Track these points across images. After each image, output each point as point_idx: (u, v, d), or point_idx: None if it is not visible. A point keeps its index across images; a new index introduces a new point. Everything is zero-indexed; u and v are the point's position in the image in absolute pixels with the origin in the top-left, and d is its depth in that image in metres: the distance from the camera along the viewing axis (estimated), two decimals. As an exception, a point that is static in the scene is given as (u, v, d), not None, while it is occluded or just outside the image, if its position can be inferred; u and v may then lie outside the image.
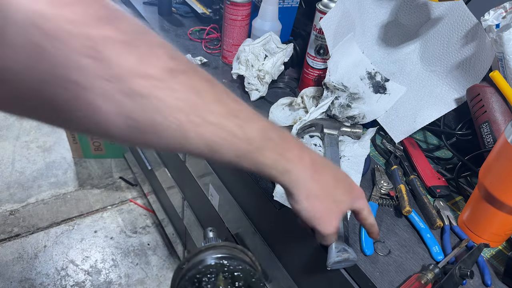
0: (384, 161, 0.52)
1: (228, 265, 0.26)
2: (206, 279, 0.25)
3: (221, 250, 0.27)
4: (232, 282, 0.25)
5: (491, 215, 0.39)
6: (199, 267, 0.26)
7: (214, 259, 0.26)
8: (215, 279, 0.25)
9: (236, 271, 0.26)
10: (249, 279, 0.26)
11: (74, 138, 1.29)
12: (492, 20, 0.46)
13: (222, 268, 0.26)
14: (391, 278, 0.38)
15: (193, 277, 0.25)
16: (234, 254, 0.27)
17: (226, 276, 0.25)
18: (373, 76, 0.55)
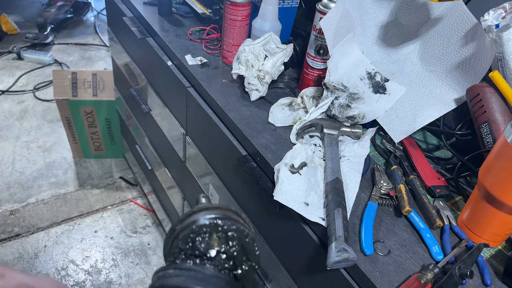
0: (384, 161, 0.52)
1: (222, 224, 0.25)
2: (200, 239, 0.25)
3: (214, 211, 0.27)
4: (226, 241, 0.25)
5: (491, 215, 0.39)
6: (193, 227, 0.25)
7: (208, 219, 0.26)
8: (209, 238, 0.25)
9: (230, 231, 0.25)
10: (242, 239, 0.25)
11: (74, 138, 1.29)
12: (491, 20, 0.46)
13: (216, 227, 0.25)
14: (391, 278, 0.38)
15: (187, 237, 0.25)
16: (228, 215, 0.27)
17: (219, 236, 0.25)
18: (373, 76, 0.55)
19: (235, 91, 0.61)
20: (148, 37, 0.76)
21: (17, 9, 2.18)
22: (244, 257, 0.25)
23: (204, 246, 0.24)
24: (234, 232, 0.25)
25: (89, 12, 2.21)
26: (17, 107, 1.57)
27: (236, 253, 0.25)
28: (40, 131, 1.46)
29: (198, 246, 0.24)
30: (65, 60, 1.86)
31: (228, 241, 0.25)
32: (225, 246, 0.25)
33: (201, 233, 0.25)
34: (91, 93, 1.16)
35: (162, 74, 0.74)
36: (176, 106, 0.73)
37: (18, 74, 1.73)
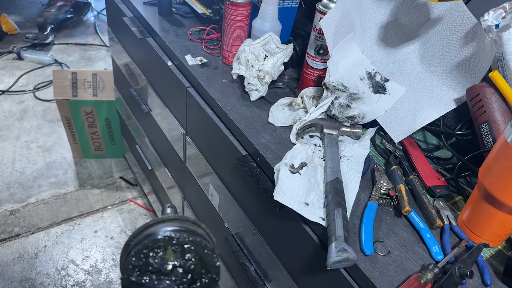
0: (384, 161, 0.52)
1: (177, 237, 0.24)
2: (153, 254, 0.24)
3: (170, 223, 0.25)
4: (181, 255, 0.24)
5: (491, 215, 0.39)
6: (145, 242, 0.24)
7: (162, 232, 0.25)
8: (164, 252, 0.24)
9: (185, 243, 0.24)
10: (200, 251, 0.24)
11: (74, 138, 1.29)
12: (491, 20, 0.46)
13: (170, 241, 0.24)
14: (391, 277, 0.38)
15: (139, 252, 0.24)
16: (185, 227, 0.26)
17: (175, 249, 0.24)
18: (372, 76, 0.55)
19: (235, 91, 0.61)
20: (148, 37, 0.76)
21: (17, 9, 2.18)
22: (203, 270, 0.24)
23: (158, 262, 0.23)
24: (191, 245, 0.24)
25: (89, 12, 2.21)
26: (17, 107, 1.57)
27: (194, 266, 0.24)
28: (40, 131, 1.46)
29: (151, 262, 0.23)
30: (65, 60, 1.86)
31: (185, 254, 0.24)
32: (181, 260, 0.24)
33: (154, 248, 0.24)
34: (91, 93, 1.16)
35: (162, 74, 0.74)
36: (176, 106, 0.74)
37: (18, 74, 1.73)
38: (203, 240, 0.25)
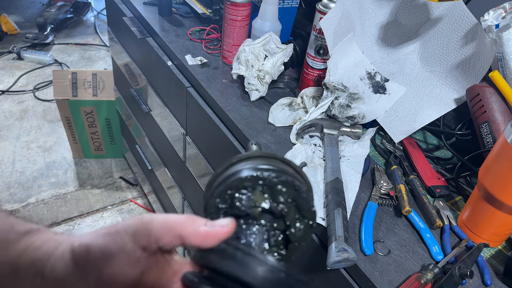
0: (384, 161, 0.52)
1: (266, 177, 0.20)
2: (239, 195, 0.20)
3: (256, 161, 0.22)
4: (272, 197, 0.20)
5: (491, 215, 0.39)
6: (229, 181, 0.21)
7: (248, 171, 0.21)
8: (252, 194, 0.21)
9: (276, 184, 0.20)
10: (293, 193, 0.21)
11: (74, 138, 1.29)
12: (491, 20, 0.46)
13: (257, 180, 0.20)
14: (391, 277, 0.38)
15: (223, 193, 0.21)
16: (274, 165, 0.21)
17: (264, 190, 0.21)
18: (372, 76, 0.55)
19: (235, 91, 0.61)
20: (148, 37, 0.76)
21: (17, 9, 2.17)
22: (297, 215, 0.21)
23: (245, 204, 0.20)
24: (282, 185, 0.20)
25: (89, 12, 2.21)
26: (17, 107, 1.57)
27: (287, 210, 0.20)
28: (40, 131, 1.46)
29: (238, 205, 0.20)
30: (65, 60, 1.85)
31: (275, 196, 0.20)
32: (271, 203, 0.20)
33: (240, 188, 0.21)
34: (91, 93, 1.16)
35: (162, 74, 0.74)
36: (176, 106, 0.73)
37: (18, 74, 1.73)
38: (295, 180, 0.21)
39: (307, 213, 0.21)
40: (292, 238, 0.21)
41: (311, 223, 0.21)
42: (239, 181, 0.21)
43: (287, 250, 0.22)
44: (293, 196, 0.21)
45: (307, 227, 0.21)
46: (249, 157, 0.22)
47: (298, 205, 0.21)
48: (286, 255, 0.22)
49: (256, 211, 0.21)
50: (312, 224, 0.21)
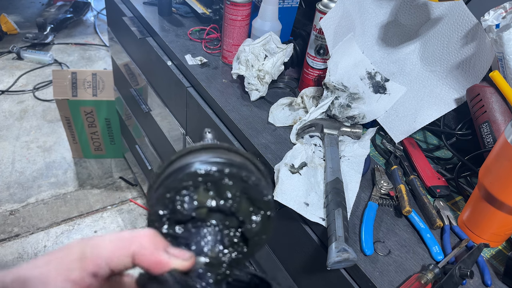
0: (384, 161, 0.52)
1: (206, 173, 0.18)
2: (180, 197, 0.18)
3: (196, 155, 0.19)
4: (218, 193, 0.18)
5: (491, 215, 0.39)
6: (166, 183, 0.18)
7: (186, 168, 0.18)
8: (194, 193, 0.18)
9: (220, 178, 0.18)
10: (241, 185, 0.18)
11: (74, 138, 1.28)
12: (492, 20, 0.46)
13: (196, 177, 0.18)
14: (391, 278, 0.38)
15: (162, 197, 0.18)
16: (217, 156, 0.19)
17: (208, 187, 0.18)
18: (373, 76, 0.55)
19: (235, 91, 0.61)
20: (148, 37, 0.76)
21: (17, 9, 2.17)
22: (250, 207, 0.18)
23: (188, 207, 0.18)
24: (227, 178, 0.18)
25: (89, 12, 2.21)
26: (17, 107, 1.57)
27: (237, 205, 0.18)
28: (40, 131, 1.46)
29: (180, 209, 0.18)
30: (65, 60, 1.85)
31: (222, 192, 0.18)
32: (217, 200, 0.18)
33: (180, 189, 0.18)
34: (91, 93, 1.16)
35: (162, 74, 0.74)
36: (176, 106, 0.73)
37: (18, 74, 1.73)
38: (242, 170, 0.18)
39: (261, 204, 0.19)
40: (249, 234, 0.19)
41: (269, 213, 0.19)
42: (177, 182, 0.18)
43: (247, 246, 0.19)
44: (242, 188, 0.18)
45: (265, 219, 0.19)
46: (191, 151, 0.19)
47: (250, 197, 0.19)
48: (247, 252, 0.20)
49: (202, 212, 0.18)
50: (270, 215, 0.19)
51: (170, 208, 0.18)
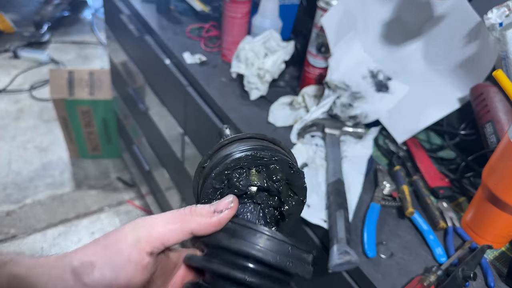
0: (387, 162, 0.51)
1: (261, 156, 0.21)
2: (237, 175, 0.21)
3: (249, 142, 0.22)
4: (268, 175, 0.21)
5: (495, 216, 0.39)
6: (226, 162, 0.21)
7: (243, 152, 0.21)
8: (247, 173, 0.21)
9: (271, 164, 0.21)
10: (287, 171, 0.21)
11: (71, 138, 1.27)
12: (495, 19, 0.45)
13: (254, 161, 0.21)
14: (394, 280, 0.37)
15: (221, 174, 0.21)
16: (265, 145, 0.22)
17: (259, 170, 0.21)
18: (375, 75, 0.54)
19: (235, 90, 0.60)
20: (146, 35, 0.75)
21: (14, 7, 2.15)
22: (289, 192, 0.22)
23: (243, 183, 0.21)
24: (276, 164, 0.21)
25: (86, 10, 2.19)
26: (13, 106, 1.55)
27: (281, 188, 0.21)
28: (37, 131, 1.45)
29: (235, 184, 0.21)
30: (62, 59, 1.84)
31: (271, 175, 0.21)
32: (267, 181, 0.21)
33: (237, 169, 0.21)
34: (88, 92, 1.15)
35: (160, 73, 0.73)
36: (174, 105, 0.72)
37: (14, 73, 1.71)
38: (288, 159, 0.22)
39: (298, 190, 0.23)
40: (286, 213, 0.22)
41: (302, 199, 0.23)
42: (237, 161, 0.21)
43: (277, 226, 0.23)
44: (287, 174, 0.22)
45: (298, 203, 0.23)
46: (241, 138, 0.23)
47: (290, 183, 0.22)
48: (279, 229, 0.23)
49: (252, 189, 0.21)
50: (303, 200, 0.23)
51: (225, 183, 0.21)
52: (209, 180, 0.21)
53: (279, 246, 0.19)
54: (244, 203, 0.22)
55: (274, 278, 0.20)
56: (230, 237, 0.19)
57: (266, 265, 0.19)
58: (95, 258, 0.18)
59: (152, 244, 0.19)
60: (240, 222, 0.20)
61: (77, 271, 0.18)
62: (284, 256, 0.19)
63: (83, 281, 0.18)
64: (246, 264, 0.19)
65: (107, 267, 0.18)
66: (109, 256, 0.18)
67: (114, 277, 0.18)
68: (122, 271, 0.18)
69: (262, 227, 0.19)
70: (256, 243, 0.19)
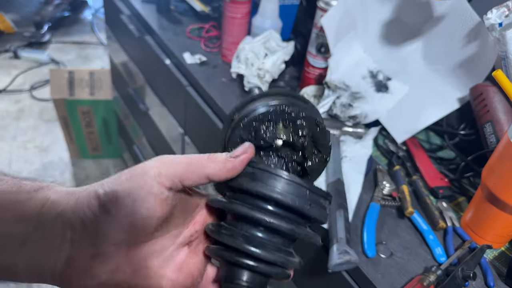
0: (387, 162, 0.51)
1: (289, 112, 0.21)
2: (264, 127, 0.21)
3: (278, 98, 0.23)
4: (294, 131, 0.22)
5: (494, 216, 0.39)
6: (255, 114, 0.22)
7: (272, 106, 0.22)
8: (275, 127, 0.21)
9: (298, 119, 0.21)
10: (313, 128, 0.22)
11: (71, 138, 1.27)
12: (495, 19, 0.45)
13: (282, 115, 0.21)
14: (393, 280, 0.37)
15: (249, 125, 0.22)
16: (293, 102, 0.23)
17: (286, 125, 0.22)
18: (375, 75, 0.54)
19: (235, 90, 0.60)
20: (146, 35, 0.75)
21: (14, 8, 2.15)
22: (314, 149, 0.22)
23: (269, 136, 0.21)
24: (303, 120, 0.22)
25: (87, 10, 2.19)
26: (13, 106, 1.56)
27: (306, 144, 0.22)
28: (37, 131, 1.45)
29: (262, 136, 0.21)
30: (62, 59, 1.84)
31: (297, 131, 0.22)
32: (293, 136, 0.22)
33: (265, 121, 0.22)
34: (88, 92, 1.15)
35: (160, 73, 0.73)
36: (174, 106, 0.73)
37: (14, 73, 1.71)
38: (316, 116, 0.22)
39: (323, 148, 0.23)
40: (309, 169, 0.22)
41: (325, 157, 0.23)
42: (265, 115, 0.22)
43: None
44: (313, 131, 0.22)
45: (322, 161, 0.23)
46: (269, 94, 0.23)
47: (315, 140, 0.22)
48: None
49: (278, 143, 0.22)
50: (327, 159, 0.23)
51: (252, 135, 0.22)
52: (237, 131, 0.22)
53: (298, 190, 0.20)
54: (269, 155, 0.22)
55: (293, 221, 0.20)
56: (250, 181, 0.20)
57: (285, 207, 0.20)
58: (118, 188, 0.19)
59: (171, 180, 0.20)
60: (261, 167, 0.20)
61: (101, 199, 0.19)
62: (303, 199, 0.20)
63: (106, 208, 0.19)
64: (266, 206, 0.20)
65: (128, 198, 0.19)
66: (131, 187, 0.19)
67: (135, 207, 0.19)
68: (143, 203, 0.19)
69: (282, 171, 0.20)
70: (275, 186, 0.19)
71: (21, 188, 0.21)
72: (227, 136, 0.23)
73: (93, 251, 0.19)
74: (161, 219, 0.20)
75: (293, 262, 0.21)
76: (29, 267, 0.19)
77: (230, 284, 0.20)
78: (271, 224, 0.19)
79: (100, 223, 0.19)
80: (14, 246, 0.19)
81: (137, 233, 0.20)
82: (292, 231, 0.20)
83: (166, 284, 0.21)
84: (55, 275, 0.20)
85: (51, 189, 0.21)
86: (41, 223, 0.19)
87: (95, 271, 0.20)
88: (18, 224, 0.19)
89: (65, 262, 0.19)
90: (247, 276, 0.20)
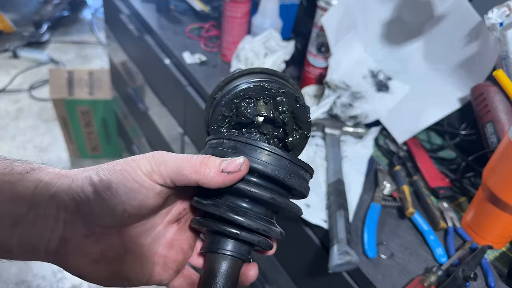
0: (387, 162, 0.51)
1: (269, 88, 0.22)
2: (245, 104, 0.22)
3: (259, 75, 0.23)
4: (274, 107, 0.22)
5: (495, 216, 0.39)
6: (236, 91, 0.22)
7: (252, 83, 0.22)
8: (255, 104, 0.22)
9: (278, 96, 0.22)
10: (293, 104, 0.22)
11: (71, 138, 1.27)
12: (495, 18, 0.45)
13: (262, 91, 0.22)
14: (394, 280, 0.37)
15: (230, 102, 0.22)
16: (274, 79, 0.23)
17: (267, 101, 0.22)
18: (375, 75, 0.54)
19: (235, 90, 0.60)
20: (146, 35, 0.75)
21: (13, 7, 2.15)
22: (294, 125, 0.23)
23: (250, 112, 0.22)
24: (283, 97, 0.22)
25: (86, 10, 2.19)
26: (13, 106, 1.55)
27: (287, 120, 0.22)
28: (36, 131, 1.45)
29: (243, 112, 0.22)
30: (61, 59, 1.83)
31: (277, 107, 0.22)
32: (273, 112, 0.22)
33: (245, 98, 0.22)
34: (87, 92, 1.15)
35: (160, 73, 0.73)
36: (174, 105, 0.72)
37: (14, 73, 1.71)
38: (296, 93, 0.23)
39: (303, 124, 0.23)
40: (290, 145, 0.23)
41: (306, 133, 0.24)
42: (245, 91, 0.22)
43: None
44: (293, 107, 0.23)
45: (302, 137, 0.24)
46: (251, 72, 0.24)
47: (295, 116, 0.23)
48: None
49: (259, 119, 0.22)
50: (307, 134, 0.24)
51: (234, 112, 0.22)
52: (219, 108, 0.23)
53: (278, 161, 0.20)
54: (251, 132, 0.23)
55: (275, 191, 0.21)
56: (233, 154, 0.20)
57: (266, 177, 0.21)
58: (112, 178, 0.20)
59: (163, 177, 0.20)
60: (242, 139, 0.21)
61: (96, 185, 0.20)
62: (283, 170, 0.20)
63: (100, 194, 0.19)
64: (249, 177, 0.20)
65: (122, 189, 0.19)
66: (125, 179, 0.20)
67: (128, 197, 0.19)
68: (137, 194, 0.20)
69: (263, 143, 0.21)
70: (257, 158, 0.20)
71: (13, 170, 0.21)
72: (210, 114, 0.24)
73: (86, 231, 0.20)
74: (154, 208, 0.21)
75: (275, 230, 0.21)
76: (23, 246, 0.20)
77: (215, 254, 0.21)
78: (252, 193, 0.20)
79: (93, 206, 0.20)
80: (7, 226, 0.19)
81: (129, 219, 0.20)
82: (273, 199, 0.20)
83: (158, 260, 0.22)
84: (49, 253, 0.20)
85: (43, 171, 0.21)
86: (34, 205, 0.20)
87: (88, 250, 0.20)
88: (12, 205, 0.19)
89: (58, 241, 0.20)
90: (231, 245, 0.21)
